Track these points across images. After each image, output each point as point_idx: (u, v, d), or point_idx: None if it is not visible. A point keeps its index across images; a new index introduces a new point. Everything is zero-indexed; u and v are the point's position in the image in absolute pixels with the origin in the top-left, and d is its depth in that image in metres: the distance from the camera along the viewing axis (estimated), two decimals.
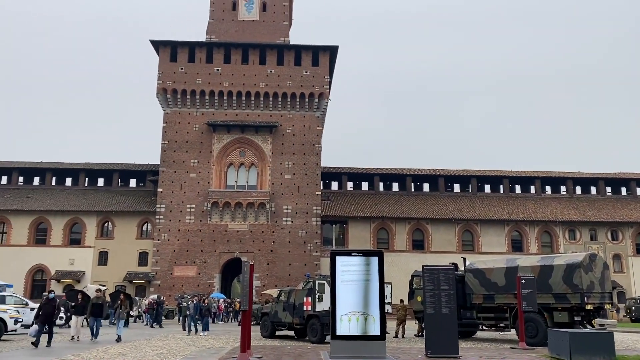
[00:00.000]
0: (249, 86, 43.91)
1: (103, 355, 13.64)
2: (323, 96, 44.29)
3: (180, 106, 43.91)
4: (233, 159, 43.66)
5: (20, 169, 47.11)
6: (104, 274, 41.39)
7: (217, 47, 44.56)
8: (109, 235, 43.08)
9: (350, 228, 44.03)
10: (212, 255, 41.54)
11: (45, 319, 15.84)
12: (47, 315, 15.89)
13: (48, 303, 16.10)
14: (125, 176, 48.54)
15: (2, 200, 43.80)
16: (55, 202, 43.73)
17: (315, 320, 18.61)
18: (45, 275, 41.81)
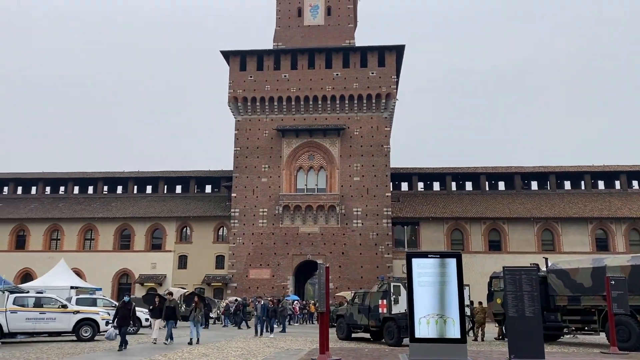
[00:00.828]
0: (316, 90, 44.35)
1: (188, 356, 14.21)
2: (390, 96, 43.97)
3: (250, 113, 45.06)
4: (302, 162, 44.22)
5: (105, 178, 50.13)
6: (184, 277, 43.16)
7: (284, 53, 45.36)
8: (187, 239, 44.87)
9: (422, 229, 43.35)
10: (285, 258, 42.24)
11: (122, 322, 16.06)
12: (123, 319, 16.11)
13: (124, 307, 16.35)
14: (201, 183, 50.42)
15: (89, 208, 46.75)
16: (137, 209, 46.12)
17: (392, 322, 18.45)
18: (130, 278, 44.15)
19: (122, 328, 15.91)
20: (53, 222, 45.57)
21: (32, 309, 18.62)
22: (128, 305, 16.37)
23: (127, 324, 16.32)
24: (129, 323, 16.40)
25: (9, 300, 18.46)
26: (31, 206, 47.65)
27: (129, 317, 16.29)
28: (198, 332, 18.35)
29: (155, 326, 18.29)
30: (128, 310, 16.29)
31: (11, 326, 18.08)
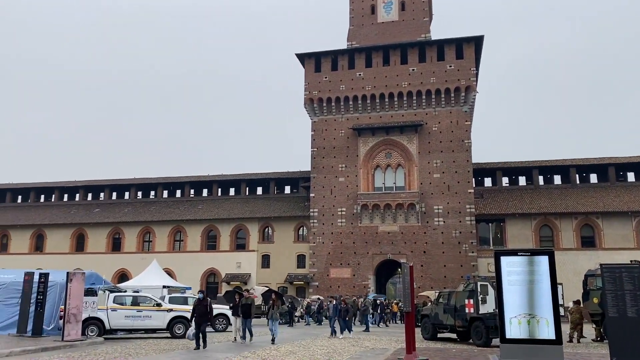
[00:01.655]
0: (392, 87, 43.89)
1: (276, 353, 14.51)
2: (470, 89, 42.65)
3: (326, 114, 45.39)
4: (379, 161, 43.92)
5: (191, 182, 52.46)
6: (267, 276, 44.24)
7: (358, 52, 45.29)
8: (269, 239, 45.96)
9: (508, 226, 41.64)
10: (365, 257, 42.15)
11: (200, 319, 15.67)
12: (200, 316, 15.71)
13: (200, 304, 15.99)
14: (281, 184, 51.47)
15: (178, 211, 49.11)
16: (221, 211, 47.85)
17: (479, 322, 17.87)
18: (217, 278, 45.88)
19: (200, 326, 15.60)
20: (145, 224, 48.28)
21: (130, 307, 19.80)
22: (204, 302, 16.00)
23: (205, 321, 15.81)
24: (206, 320, 15.88)
25: (110, 299, 19.76)
26: (125, 210, 50.77)
27: (206, 314, 15.83)
28: (275, 330, 18.01)
29: (236, 324, 18.26)
30: (204, 307, 15.89)
31: (112, 323, 19.34)
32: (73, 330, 16.95)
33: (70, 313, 16.94)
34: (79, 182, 55.48)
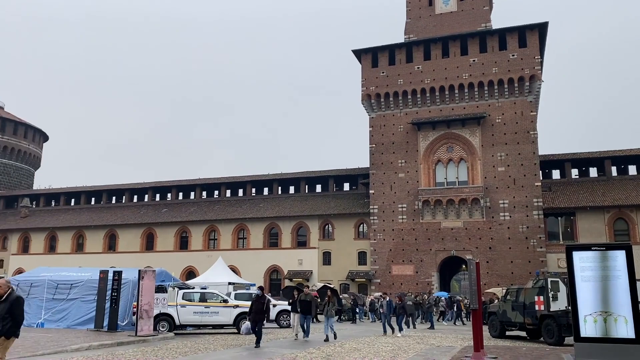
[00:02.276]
0: (452, 79, 42.90)
1: (340, 350, 14.54)
2: (534, 78, 41.00)
3: (384, 109, 44.98)
4: (441, 155, 43.05)
5: (252, 181, 53.52)
6: (329, 273, 44.44)
7: (416, 45, 44.57)
8: (329, 236, 46.14)
9: (579, 220, 39.72)
10: (427, 253, 41.48)
11: (256, 316, 15.46)
12: (257, 313, 15.49)
13: (257, 301, 15.72)
14: (339, 181, 51.54)
15: (240, 210, 50.23)
16: (282, 208, 48.52)
17: (550, 320, 17.17)
18: (280, 274, 46.57)
19: (257, 323, 15.34)
20: (210, 223, 49.69)
21: (198, 303, 20.43)
22: (261, 299, 15.72)
23: (262, 318, 15.53)
24: (263, 318, 15.62)
25: (179, 295, 20.48)
26: (191, 209, 52.47)
27: (263, 311, 15.57)
28: (332, 327, 17.60)
29: (295, 321, 18.01)
30: (261, 304, 15.63)
31: (182, 319, 20.04)
32: (145, 326, 17.69)
33: (142, 309, 17.69)
34: (148, 183, 57.88)
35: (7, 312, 7.97)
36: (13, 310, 8.00)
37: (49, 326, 20.56)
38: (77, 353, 13.54)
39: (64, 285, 21.65)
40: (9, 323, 7.97)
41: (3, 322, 7.97)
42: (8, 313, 7.97)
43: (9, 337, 8.05)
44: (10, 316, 7.99)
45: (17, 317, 8.11)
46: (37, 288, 21.95)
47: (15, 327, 8.07)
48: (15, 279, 23.80)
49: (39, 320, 21.00)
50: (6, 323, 7.96)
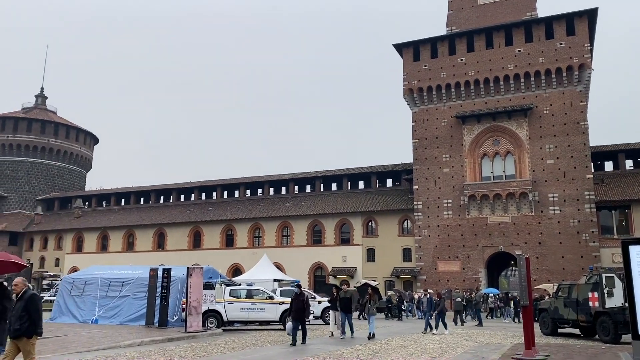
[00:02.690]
0: (496, 71, 41.84)
1: (386, 347, 14.43)
2: (584, 67, 39.48)
3: (427, 103, 44.35)
4: (486, 149, 42.09)
5: (295, 179, 53.87)
6: (373, 270, 44.23)
7: (459, 37, 43.71)
8: (373, 233, 45.91)
9: (634, 213, 38.02)
10: (474, 249, 40.67)
11: (297, 314, 15.25)
12: (297, 311, 15.25)
13: (297, 298, 15.45)
14: (382, 177, 51.22)
15: (284, 207, 50.65)
16: (325, 206, 48.61)
17: (606, 317, 16.51)
18: (324, 271, 46.69)
19: (297, 321, 15.13)
20: (255, 221, 50.33)
21: (245, 300, 20.70)
22: (300, 297, 15.51)
23: (303, 316, 15.34)
24: (304, 315, 15.40)
25: (226, 292, 20.81)
26: (236, 208, 53.30)
27: (303, 309, 15.33)
28: (372, 325, 17.15)
29: (333, 319, 17.68)
30: (301, 302, 15.39)
31: (229, 315, 20.36)
32: (195, 322, 18.06)
33: (191, 306, 18.07)
34: (193, 183, 59.18)
35: (23, 311, 7.90)
36: (29, 308, 7.91)
37: (103, 322, 21.27)
38: (130, 349, 13.95)
39: (116, 282, 22.36)
40: (26, 322, 7.88)
41: (21, 320, 7.89)
42: (25, 311, 7.90)
43: (30, 337, 7.99)
44: (27, 314, 7.89)
45: (34, 315, 8.00)
46: (91, 286, 22.76)
47: (34, 326, 7.94)
48: (71, 277, 24.76)
49: (94, 317, 21.77)
50: (24, 322, 7.88)
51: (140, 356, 12.30)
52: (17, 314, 7.95)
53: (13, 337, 8.00)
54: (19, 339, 7.93)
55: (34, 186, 67.28)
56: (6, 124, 67.70)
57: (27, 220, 62.77)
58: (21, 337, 7.90)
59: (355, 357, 12.35)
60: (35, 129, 67.91)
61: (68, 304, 22.88)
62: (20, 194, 66.60)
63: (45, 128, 68.57)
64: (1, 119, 68.41)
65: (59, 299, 23.75)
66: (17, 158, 67.18)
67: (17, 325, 7.88)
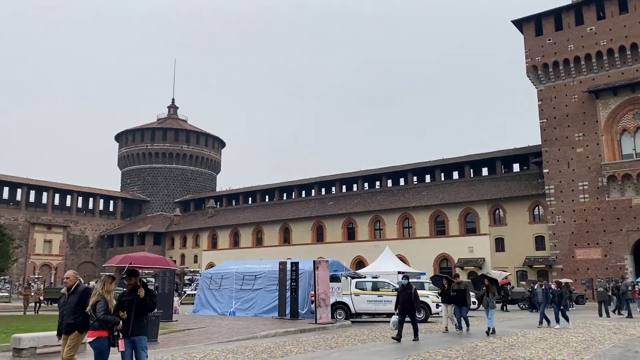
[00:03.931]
0: (634, 37, 37.69)
1: (523, 340, 13.65)
2: None
3: (553, 80, 41.21)
4: (626, 124, 38.14)
5: (413, 169, 53.06)
6: (503, 260, 42.15)
7: (586, 5, 40.02)
8: (501, 222, 43.72)
9: None
10: (617, 235, 37.08)
11: (403, 308, 14.02)
12: (404, 305, 14.01)
13: (404, 291, 14.24)
14: (507, 162, 48.60)
15: (403, 198, 50.09)
16: (447, 195, 47.25)
17: None
18: (450, 263, 45.43)
19: (405, 315, 14.01)
20: (375, 213, 50.36)
21: (371, 292, 20.79)
22: (407, 289, 14.15)
23: (411, 310, 14.07)
24: (413, 309, 14.12)
25: (352, 284, 21.05)
26: (355, 201, 53.78)
27: (410, 302, 14.00)
28: (491, 319, 15.60)
29: (444, 313, 16.50)
30: (408, 294, 14.03)
31: (356, 307, 20.57)
32: (324, 314, 18.49)
33: (319, 298, 18.52)
34: (313, 179, 60.78)
35: (77, 305, 7.53)
36: (83, 302, 7.46)
37: (239, 314, 22.57)
38: (266, 339, 14.63)
39: (249, 276, 23.61)
40: (80, 316, 7.46)
41: (74, 315, 7.50)
42: (78, 305, 7.51)
43: (82, 332, 7.56)
44: (81, 308, 7.47)
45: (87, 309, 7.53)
46: (227, 280, 24.27)
47: (87, 321, 7.40)
48: (209, 272, 26.62)
49: (231, 309, 23.19)
50: (77, 316, 7.48)
51: (276, 346, 12.84)
52: (70, 308, 7.57)
53: (66, 332, 7.63)
54: (71, 333, 7.58)
55: (172, 190, 73.52)
56: (145, 135, 74.84)
57: (168, 221, 68.68)
58: (73, 331, 7.56)
59: (491, 350, 11.82)
60: (169, 138, 74.21)
61: (208, 297, 24.62)
62: (160, 198, 73.16)
63: (178, 136, 74.63)
64: (140, 130, 75.70)
65: (199, 293, 25.64)
66: (156, 165, 73.83)
67: (71, 319, 7.53)
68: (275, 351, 12.05)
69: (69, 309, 7.61)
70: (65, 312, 7.68)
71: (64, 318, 7.63)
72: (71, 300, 7.60)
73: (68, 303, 7.63)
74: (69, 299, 7.65)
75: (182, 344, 13.53)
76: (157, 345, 13.07)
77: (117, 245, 68.38)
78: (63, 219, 66.00)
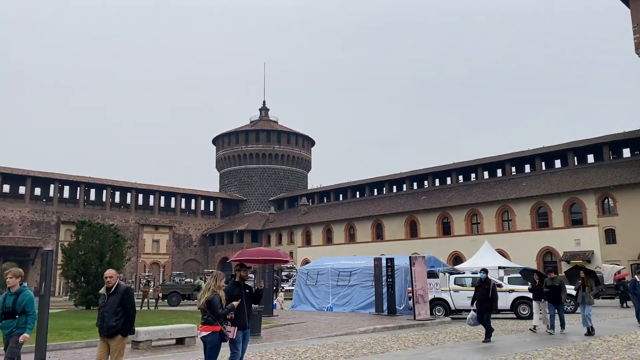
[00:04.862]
0: None
1: None
2: None
3: None
4: None
5: (512, 159, 50.69)
6: (614, 253, 39.03)
7: None
8: (611, 212, 40.53)
9: None
10: None
11: (480, 305, 13.07)
12: (481, 301, 13.07)
13: (481, 286, 13.35)
14: (616, 147, 44.99)
15: (501, 190, 47.97)
16: (549, 185, 44.62)
17: None
18: (554, 257, 42.86)
19: (483, 313, 13.02)
20: (471, 207, 48.70)
21: (471, 288, 20.07)
22: (485, 284, 13.25)
23: (488, 307, 13.08)
24: (490, 306, 13.11)
25: (450, 280, 20.51)
26: (449, 195, 52.35)
27: (488, 298, 13.04)
28: (589, 318, 14.00)
29: (536, 310, 15.30)
30: (486, 290, 13.08)
31: (456, 304, 20.01)
32: (422, 310, 18.18)
33: (417, 294, 18.23)
34: (404, 173, 59.98)
35: (119, 306, 7.06)
36: (125, 303, 7.09)
37: (336, 310, 22.80)
38: (365, 335, 14.64)
39: (344, 272, 23.78)
40: (122, 318, 7.05)
41: (116, 316, 7.01)
42: (120, 306, 7.06)
43: (125, 335, 7.13)
44: (123, 310, 7.08)
45: (130, 311, 7.17)
46: (323, 276, 24.62)
47: (130, 323, 7.14)
48: (305, 269, 27.14)
49: (328, 305, 23.49)
50: (119, 318, 7.03)
51: (376, 342, 12.80)
52: (111, 309, 7.03)
53: (107, 335, 7.06)
54: (113, 337, 7.03)
55: (266, 189, 75.92)
56: (239, 137, 77.91)
57: (263, 220, 70.94)
58: (116, 335, 7.02)
59: (607, 349, 10.99)
60: (262, 139, 76.68)
61: (305, 293, 25.12)
62: (256, 197, 75.79)
63: (270, 137, 76.93)
64: (235, 133, 78.85)
65: (297, 289, 26.23)
66: (250, 165, 76.57)
67: (113, 322, 6.99)
68: (375, 347, 12.01)
69: (110, 310, 7.04)
70: (106, 314, 7.05)
71: (105, 320, 7.05)
72: (112, 301, 7.07)
73: (109, 304, 7.08)
74: (109, 299, 7.11)
75: (284, 338, 13.89)
76: (260, 340, 13.52)
77: (218, 243, 71.79)
78: (168, 220, 70.28)
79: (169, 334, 12.68)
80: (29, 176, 59.71)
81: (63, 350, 11.99)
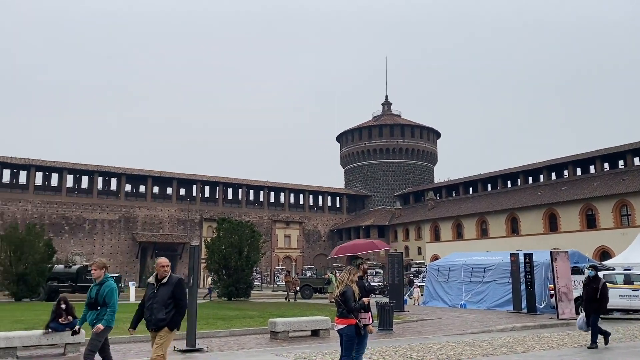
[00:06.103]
0: None
1: None
2: None
3: None
4: None
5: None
6: None
7: None
8: None
9: None
10: None
11: (588, 306, 11.69)
12: (587, 302, 11.73)
13: (588, 284, 11.85)
14: None
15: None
16: None
17: None
18: None
19: (589, 315, 11.57)
20: (619, 197, 44.18)
21: (623, 286, 18.21)
22: (593, 283, 11.72)
23: (596, 308, 11.57)
24: (598, 307, 11.58)
25: None
26: (594, 184, 48.04)
27: (595, 299, 11.55)
28: None
29: None
30: (594, 289, 11.66)
31: None
32: (567, 309, 16.87)
33: (560, 292, 16.95)
34: (540, 163, 56.21)
35: (170, 298, 6.66)
36: (176, 295, 6.70)
37: (470, 307, 21.97)
38: (503, 333, 13.92)
39: (477, 269, 22.84)
40: (172, 310, 6.66)
41: (166, 309, 6.62)
42: (171, 298, 6.67)
43: (172, 329, 6.71)
44: (174, 302, 6.69)
45: (181, 304, 6.78)
46: (454, 272, 23.87)
47: (179, 317, 6.75)
48: (435, 264, 26.53)
49: (462, 302, 22.72)
50: (169, 310, 6.64)
51: (515, 341, 12.11)
52: (161, 300, 6.64)
53: (155, 329, 6.67)
54: (161, 330, 6.65)
55: (391, 184, 75.54)
56: (363, 133, 78.37)
57: (389, 215, 70.65)
58: (163, 327, 6.64)
59: None
60: (385, 134, 76.40)
61: (436, 289, 24.57)
62: (381, 192, 75.75)
63: (393, 131, 76.39)
64: (359, 129, 79.43)
65: (427, 285, 25.74)
66: (374, 161, 76.66)
67: (162, 314, 6.61)
68: (515, 346, 11.36)
69: (159, 302, 6.65)
70: (155, 306, 6.66)
71: (153, 312, 6.64)
72: (162, 293, 6.67)
73: (158, 295, 6.69)
74: (159, 290, 6.71)
75: (417, 334, 13.69)
76: (393, 335, 13.46)
77: (346, 238, 72.88)
78: (298, 216, 72.91)
79: (305, 326, 13.09)
80: (174, 178, 65.48)
81: (210, 338, 12.91)
